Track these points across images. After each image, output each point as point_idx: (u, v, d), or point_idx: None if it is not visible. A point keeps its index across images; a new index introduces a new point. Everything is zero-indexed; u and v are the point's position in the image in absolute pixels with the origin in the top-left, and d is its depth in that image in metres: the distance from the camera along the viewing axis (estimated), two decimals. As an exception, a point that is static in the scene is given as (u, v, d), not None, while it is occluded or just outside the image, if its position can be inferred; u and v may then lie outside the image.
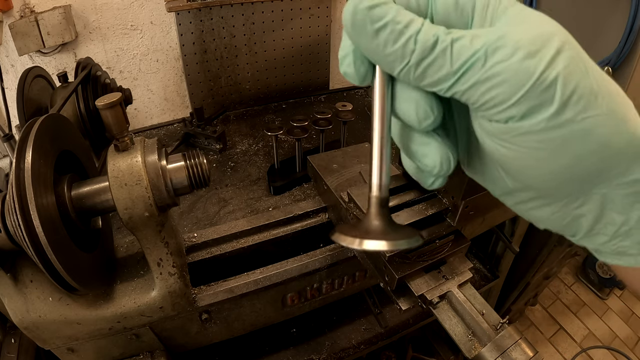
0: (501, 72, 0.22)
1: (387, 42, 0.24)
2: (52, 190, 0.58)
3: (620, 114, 0.23)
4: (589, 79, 0.22)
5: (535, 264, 1.56)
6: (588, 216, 0.27)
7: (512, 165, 0.26)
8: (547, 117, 0.22)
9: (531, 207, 0.29)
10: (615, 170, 0.24)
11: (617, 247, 0.27)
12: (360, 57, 0.26)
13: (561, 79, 0.22)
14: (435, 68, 0.24)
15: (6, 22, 1.27)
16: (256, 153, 1.34)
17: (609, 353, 2.11)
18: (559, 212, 0.28)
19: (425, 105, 0.26)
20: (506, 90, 0.22)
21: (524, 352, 0.61)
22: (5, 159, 1.40)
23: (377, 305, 1.23)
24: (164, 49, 1.54)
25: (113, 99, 0.57)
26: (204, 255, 0.87)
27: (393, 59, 0.24)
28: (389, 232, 0.27)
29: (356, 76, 0.27)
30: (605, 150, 0.23)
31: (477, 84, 0.23)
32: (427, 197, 0.79)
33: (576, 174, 0.24)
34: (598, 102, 0.22)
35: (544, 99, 0.22)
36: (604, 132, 0.23)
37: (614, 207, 0.26)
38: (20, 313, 0.63)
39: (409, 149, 0.29)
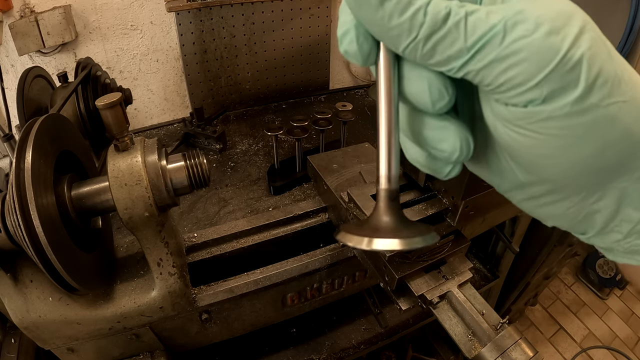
0: (522, 49, 0.20)
1: (392, 14, 0.21)
2: (52, 190, 0.58)
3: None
4: (613, 62, 0.21)
5: (535, 264, 1.56)
6: (604, 212, 0.25)
7: (528, 155, 0.24)
8: (571, 101, 0.20)
9: (543, 203, 0.27)
10: (635, 163, 0.22)
11: (631, 245, 0.25)
12: (364, 33, 0.24)
13: (586, 60, 0.20)
14: (446, 44, 0.21)
15: (6, 22, 1.27)
16: (256, 153, 1.34)
17: (609, 353, 2.11)
18: (573, 208, 0.26)
19: (438, 84, 0.23)
20: (527, 70, 0.20)
21: (524, 352, 0.61)
22: (5, 159, 1.40)
23: (377, 305, 1.23)
24: (164, 49, 1.54)
25: (113, 99, 0.57)
26: (204, 255, 0.87)
27: (399, 32, 0.22)
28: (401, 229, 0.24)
29: (359, 54, 0.24)
30: (629, 139, 0.22)
31: (494, 63, 0.21)
32: (427, 197, 0.79)
33: (598, 164, 0.22)
34: (622, 88, 0.21)
35: (569, 81, 0.20)
36: (628, 120, 0.21)
37: (632, 202, 0.24)
38: (20, 313, 0.63)
39: (420, 135, 0.26)
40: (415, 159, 0.29)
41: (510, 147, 0.24)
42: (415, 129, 0.26)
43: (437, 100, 0.24)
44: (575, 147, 0.22)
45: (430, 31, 0.21)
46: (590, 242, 0.28)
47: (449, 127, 0.25)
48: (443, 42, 0.21)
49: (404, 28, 0.21)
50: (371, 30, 0.23)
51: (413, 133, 0.27)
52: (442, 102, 0.24)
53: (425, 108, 0.25)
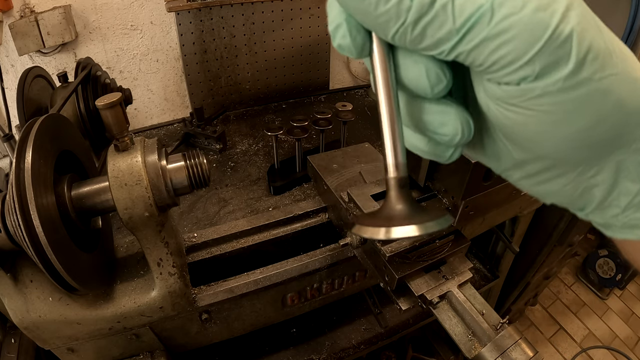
0: (512, 26, 0.20)
1: (379, 1, 0.21)
2: (52, 190, 0.58)
3: (634, 74, 0.22)
4: (603, 36, 0.21)
5: (535, 264, 1.56)
6: (601, 186, 0.25)
7: (522, 133, 0.24)
8: (564, 76, 0.20)
9: (541, 180, 0.27)
10: (632, 134, 0.23)
11: (629, 219, 0.25)
12: (356, 25, 0.24)
13: (576, 34, 0.20)
14: (435, 27, 0.21)
15: (6, 22, 1.27)
16: (256, 153, 1.34)
17: (609, 353, 2.11)
18: (571, 184, 0.26)
19: (435, 68, 0.24)
20: (519, 47, 0.20)
21: (524, 352, 0.61)
22: (5, 159, 1.40)
23: (377, 305, 1.23)
24: (164, 49, 1.54)
25: (113, 99, 0.57)
26: (204, 255, 0.87)
27: (387, 19, 0.22)
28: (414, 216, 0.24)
29: (353, 47, 0.24)
30: (622, 111, 0.22)
31: (484, 42, 0.21)
32: (427, 197, 0.79)
33: (593, 138, 0.23)
34: (613, 61, 0.21)
35: (560, 56, 0.20)
36: (621, 92, 0.21)
37: (629, 175, 0.24)
38: (20, 313, 0.63)
39: (420, 121, 0.26)
40: (416, 146, 0.29)
41: (505, 126, 0.24)
42: (415, 116, 0.27)
43: (436, 84, 0.24)
44: (569, 122, 0.22)
45: (418, 15, 0.21)
46: (588, 218, 0.28)
47: (449, 111, 0.25)
48: (432, 25, 0.21)
49: (391, 14, 0.21)
50: (359, 19, 0.23)
51: (413, 120, 0.27)
52: (440, 86, 0.24)
53: (424, 93, 0.25)
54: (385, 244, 0.73)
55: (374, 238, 0.23)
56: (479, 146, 0.29)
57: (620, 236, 0.27)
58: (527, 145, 0.25)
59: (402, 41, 0.22)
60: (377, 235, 0.23)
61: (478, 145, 0.29)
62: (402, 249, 0.71)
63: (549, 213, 1.39)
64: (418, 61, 0.24)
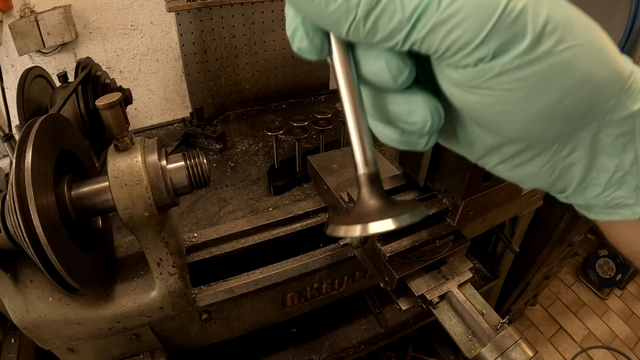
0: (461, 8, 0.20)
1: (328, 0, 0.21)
2: (52, 190, 0.58)
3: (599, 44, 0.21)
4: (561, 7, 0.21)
5: (535, 264, 1.56)
6: (579, 164, 0.25)
7: (489, 115, 0.23)
8: (522, 51, 0.20)
9: (517, 164, 0.26)
10: (603, 105, 0.22)
11: (611, 198, 0.25)
12: (312, 27, 0.24)
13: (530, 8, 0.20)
14: (386, 18, 0.21)
15: (6, 22, 1.27)
16: (256, 153, 1.34)
17: (609, 353, 2.11)
18: (548, 164, 0.25)
19: (395, 59, 0.23)
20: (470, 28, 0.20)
21: (524, 352, 0.61)
22: (5, 159, 1.40)
23: (377, 305, 1.23)
24: (164, 49, 1.54)
25: (113, 99, 0.57)
26: (204, 255, 0.87)
27: (338, 17, 0.21)
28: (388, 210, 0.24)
29: (312, 49, 0.24)
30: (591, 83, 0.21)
31: (435, 28, 0.20)
32: (427, 197, 0.79)
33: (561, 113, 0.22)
34: (575, 32, 0.20)
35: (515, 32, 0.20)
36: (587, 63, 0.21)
37: (605, 149, 0.24)
38: (20, 313, 0.63)
39: (388, 113, 0.26)
40: (389, 137, 0.28)
41: (471, 110, 0.24)
42: (384, 109, 0.26)
43: (398, 75, 0.24)
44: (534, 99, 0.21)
45: (367, 8, 0.21)
46: (570, 200, 0.27)
47: (416, 99, 0.25)
48: (382, 17, 0.21)
49: (341, 11, 0.21)
50: (312, 19, 0.23)
51: (381, 113, 0.27)
52: (403, 76, 0.24)
53: (388, 85, 0.24)
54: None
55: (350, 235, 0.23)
56: (451, 135, 0.28)
57: (604, 217, 0.26)
58: (497, 128, 0.24)
59: (356, 37, 0.22)
60: (353, 233, 0.23)
61: (451, 134, 0.28)
62: (402, 249, 0.71)
63: (549, 213, 1.39)
64: (377, 55, 0.24)
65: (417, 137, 0.27)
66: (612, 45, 0.22)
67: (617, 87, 0.22)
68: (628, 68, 0.22)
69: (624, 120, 0.23)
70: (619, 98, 0.22)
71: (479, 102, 0.23)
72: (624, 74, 0.22)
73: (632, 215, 0.25)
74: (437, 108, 0.25)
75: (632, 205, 0.25)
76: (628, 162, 0.24)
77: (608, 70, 0.21)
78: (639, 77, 0.23)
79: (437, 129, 0.26)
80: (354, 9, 0.21)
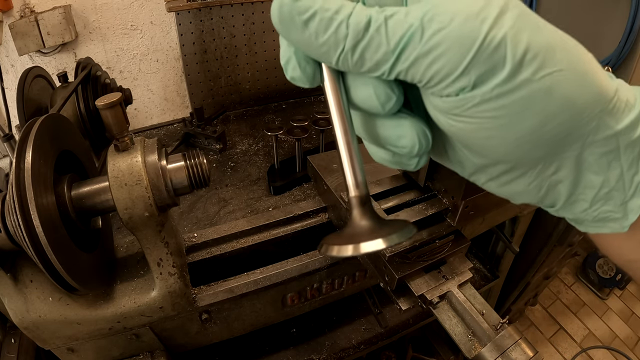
0: (441, 41, 0.20)
1: (318, 32, 0.22)
2: (52, 190, 0.58)
3: (581, 68, 0.22)
4: (542, 34, 0.21)
5: (535, 264, 1.56)
6: (565, 182, 0.25)
7: (473, 140, 0.24)
8: (501, 81, 0.21)
9: (505, 182, 0.27)
10: (585, 127, 0.22)
11: (598, 212, 0.26)
12: (305, 57, 0.25)
13: (510, 38, 0.20)
14: (372, 50, 0.22)
15: (6, 22, 1.27)
16: (256, 153, 1.34)
17: (609, 353, 2.11)
18: (534, 182, 0.26)
19: (383, 87, 0.24)
20: (451, 60, 0.21)
21: (524, 352, 0.61)
22: (5, 159, 1.40)
23: (377, 305, 1.23)
24: (164, 49, 1.54)
25: (113, 99, 0.57)
26: (204, 255, 0.87)
27: (327, 49, 0.23)
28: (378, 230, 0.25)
29: (304, 78, 0.25)
30: (572, 107, 0.22)
31: (418, 60, 0.21)
32: (427, 197, 0.79)
33: (544, 137, 0.23)
34: (557, 57, 0.21)
35: (495, 62, 0.20)
36: (568, 88, 0.21)
37: (590, 167, 0.24)
38: (20, 313, 0.63)
39: (378, 137, 0.27)
40: (382, 158, 0.30)
41: (456, 135, 0.25)
42: (374, 132, 0.27)
43: (386, 102, 0.25)
44: (515, 125, 0.22)
45: (354, 41, 0.22)
46: (559, 214, 0.28)
47: (404, 124, 0.26)
48: (369, 49, 0.22)
49: (330, 43, 0.22)
50: (304, 50, 0.24)
51: (372, 137, 0.28)
52: (390, 103, 0.25)
53: (377, 111, 0.25)
54: None
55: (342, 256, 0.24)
56: (443, 153, 0.29)
57: (594, 230, 0.27)
58: (482, 151, 0.25)
59: (345, 66, 0.23)
60: (345, 253, 0.24)
61: (442, 153, 0.29)
62: (402, 249, 0.71)
63: (549, 213, 1.39)
64: (366, 83, 0.24)
65: (407, 158, 0.28)
66: (596, 66, 0.22)
67: (599, 108, 0.22)
68: (612, 88, 0.23)
69: (608, 140, 0.23)
70: (602, 119, 0.22)
71: (463, 128, 0.23)
72: (607, 95, 0.22)
73: (620, 228, 0.26)
74: (424, 132, 0.26)
75: (619, 219, 0.25)
76: (614, 179, 0.24)
77: (590, 93, 0.22)
78: (623, 95, 0.23)
79: (425, 151, 0.27)
80: (342, 42, 0.22)
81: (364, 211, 0.26)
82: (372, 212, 0.26)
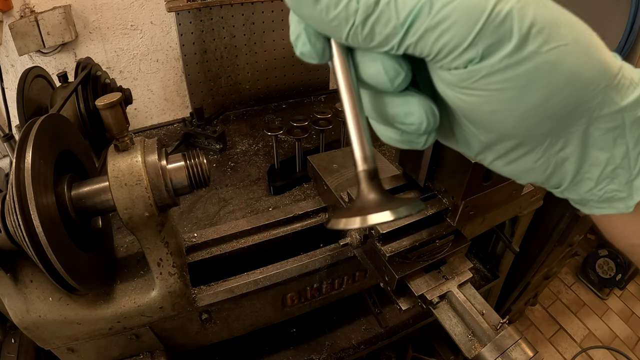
0: (450, 13, 0.21)
1: (329, 7, 0.23)
2: (52, 190, 0.58)
3: (586, 43, 0.22)
4: (547, 9, 0.22)
5: (535, 264, 1.56)
6: (572, 159, 0.26)
7: (481, 114, 0.24)
8: (508, 53, 0.21)
9: (512, 159, 0.27)
10: (591, 102, 0.23)
11: (604, 192, 0.26)
12: (314, 33, 0.25)
13: (516, 11, 0.21)
14: (382, 24, 0.22)
15: (6, 22, 1.27)
16: (256, 153, 1.34)
17: (609, 353, 2.11)
18: (542, 159, 0.26)
19: (392, 63, 0.25)
20: (459, 32, 0.21)
21: (524, 352, 0.61)
22: (5, 159, 1.40)
23: (377, 305, 1.23)
24: (164, 49, 1.54)
25: (113, 99, 0.57)
26: (204, 255, 0.87)
27: (338, 23, 0.23)
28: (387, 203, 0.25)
29: (314, 53, 0.26)
30: (577, 81, 0.22)
31: (427, 32, 0.22)
32: (427, 197, 0.79)
33: (550, 110, 0.23)
34: (562, 32, 0.22)
35: (502, 34, 0.21)
36: (573, 62, 0.22)
37: (595, 143, 0.25)
38: (20, 313, 0.63)
39: (387, 115, 0.27)
40: (390, 137, 0.30)
41: (463, 109, 0.25)
42: (382, 110, 0.28)
43: (394, 78, 0.25)
44: (522, 97, 0.22)
45: (365, 15, 0.22)
46: (564, 195, 0.28)
47: (412, 101, 0.26)
48: (379, 22, 0.22)
49: (341, 18, 0.23)
50: (314, 26, 0.24)
51: (380, 115, 0.28)
52: (399, 79, 0.25)
53: (385, 87, 0.26)
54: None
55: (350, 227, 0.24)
56: (449, 133, 0.30)
57: (599, 211, 0.27)
58: (489, 126, 0.25)
59: (355, 41, 0.24)
60: (353, 225, 0.24)
61: (448, 132, 0.30)
62: (402, 249, 0.71)
63: (549, 213, 1.39)
64: (375, 59, 0.25)
65: (416, 136, 0.28)
66: (600, 43, 0.23)
67: (604, 84, 0.23)
68: (616, 65, 0.23)
69: (613, 115, 0.23)
70: (607, 94, 0.23)
71: (471, 102, 0.24)
72: (612, 71, 0.23)
73: (625, 208, 0.26)
74: (432, 109, 0.26)
75: (625, 198, 0.26)
76: (619, 156, 0.25)
77: (594, 69, 0.22)
78: (627, 73, 0.24)
79: (432, 129, 0.27)
80: (352, 16, 0.22)
81: (372, 185, 0.26)
82: (380, 187, 0.26)
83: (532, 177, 0.28)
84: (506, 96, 0.23)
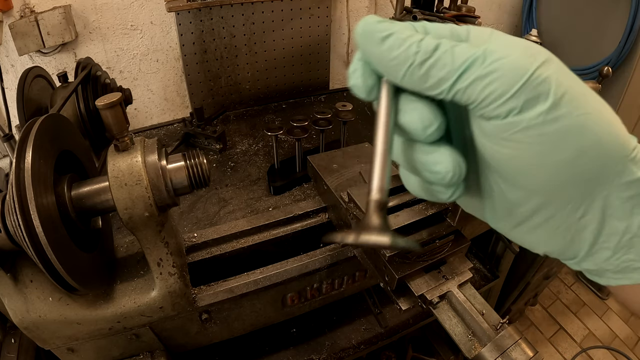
0: (499, 67, 0.24)
1: (392, 47, 0.26)
2: (52, 190, 0.58)
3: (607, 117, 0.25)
4: (578, 85, 0.25)
5: (535, 264, 1.56)
6: (590, 227, 0.27)
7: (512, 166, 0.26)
8: (545, 110, 0.24)
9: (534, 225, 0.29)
10: (612, 168, 0.25)
11: (621, 261, 0.27)
12: (369, 71, 0.28)
13: (554, 78, 0.24)
14: (438, 67, 0.25)
15: (6, 22, 1.27)
16: (256, 153, 1.34)
17: (609, 353, 2.11)
18: (563, 225, 0.28)
19: (428, 113, 0.27)
20: (505, 83, 0.24)
21: (524, 352, 0.61)
22: (5, 159, 1.40)
23: (377, 305, 1.23)
24: (164, 49, 1.54)
25: (113, 99, 0.57)
26: (204, 255, 0.87)
27: (397, 62, 0.26)
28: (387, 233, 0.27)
29: (363, 88, 0.28)
30: (601, 147, 0.25)
31: (477, 80, 0.24)
32: (427, 197, 0.79)
33: (578, 169, 0.25)
34: (589, 103, 0.24)
35: (540, 92, 0.24)
36: (598, 129, 0.24)
37: (615, 212, 0.26)
38: (20, 313, 0.63)
39: (415, 162, 0.30)
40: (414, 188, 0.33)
41: (497, 160, 0.27)
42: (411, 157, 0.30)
43: (428, 126, 0.27)
44: (553, 153, 0.25)
45: (423, 58, 0.25)
46: (581, 266, 0.29)
47: (442, 151, 0.28)
48: (435, 66, 0.25)
49: (401, 58, 0.26)
50: (376, 63, 0.27)
51: (409, 162, 0.30)
52: (432, 128, 0.27)
53: (418, 134, 0.28)
54: None
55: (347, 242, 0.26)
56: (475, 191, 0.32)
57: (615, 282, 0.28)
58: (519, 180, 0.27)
59: (410, 81, 0.26)
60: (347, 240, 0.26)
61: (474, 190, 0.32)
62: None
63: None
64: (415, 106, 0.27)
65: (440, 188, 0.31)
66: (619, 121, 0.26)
67: (623, 154, 0.25)
68: (632, 142, 0.26)
69: (632, 184, 0.25)
70: (626, 164, 0.25)
71: (507, 154, 0.26)
72: (630, 145, 0.26)
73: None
74: (459, 162, 0.28)
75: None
76: (636, 225, 0.26)
77: (616, 139, 0.25)
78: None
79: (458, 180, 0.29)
80: (412, 57, 0.25)
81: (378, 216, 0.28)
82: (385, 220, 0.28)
83: (550, 245, 0.29)
84: (540, 150, 0.25)
